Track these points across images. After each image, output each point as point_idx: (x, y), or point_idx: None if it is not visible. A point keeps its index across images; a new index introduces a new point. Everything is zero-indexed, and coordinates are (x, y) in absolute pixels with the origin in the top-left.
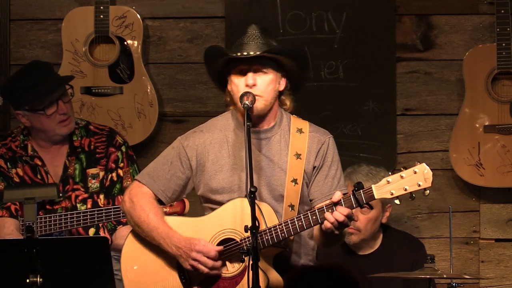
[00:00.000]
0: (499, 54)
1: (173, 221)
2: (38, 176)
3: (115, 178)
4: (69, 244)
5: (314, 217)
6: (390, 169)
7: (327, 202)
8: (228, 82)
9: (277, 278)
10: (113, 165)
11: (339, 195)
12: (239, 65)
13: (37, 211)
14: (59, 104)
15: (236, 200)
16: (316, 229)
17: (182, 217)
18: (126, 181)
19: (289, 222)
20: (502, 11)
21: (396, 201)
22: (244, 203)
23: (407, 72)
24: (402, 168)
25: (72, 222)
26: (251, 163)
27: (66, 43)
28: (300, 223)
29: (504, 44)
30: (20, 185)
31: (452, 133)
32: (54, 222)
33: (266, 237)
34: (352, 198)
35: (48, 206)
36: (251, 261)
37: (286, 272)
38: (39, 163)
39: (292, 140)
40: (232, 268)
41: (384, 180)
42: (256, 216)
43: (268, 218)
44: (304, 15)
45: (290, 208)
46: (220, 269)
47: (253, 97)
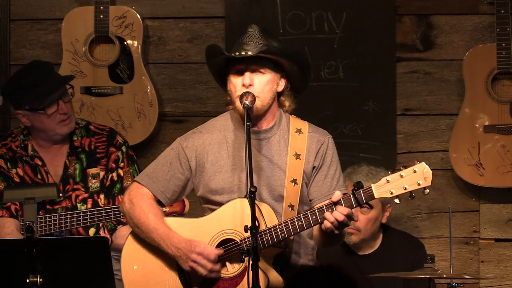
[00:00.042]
0: (499, 54)
1: (173, 222)
2: (38, 176)
3: (116, 178)
4: (69, 244)
5: (314, 217)
6: (390, 169)
7: (326, 202)
8: (227, 81)
9: (277, 278)
10: (114, 165)
11: (338, 195)
12: (237, 65)
13: (37, 211)
14: (59, 104)
15: (236, 201)
16: (315, 229)
17: (182, 218)
18: (126, 181)
19: (289, 222)
20: (502, 11)
21: (395, 200)
22: (244, 203)
23: (407, 72)
24: (402, 167)
25: (72, 222)
26: (251, 163)
27: (66, 43)
28: (300, 223)
29: (504, 44)
30: (20, 185)
31: (452, 133)
32: (54, 222)
33: (266, 237)
34: (352, 198)
35: (48, 206)
36: (251, 261)
37: (286, 272)
38: (39, 163)
39: (292, 140)
40: (232, 269)
41: (383, 180)
42: (256, 216)
43: (268, 218)
44: (304, 15)
45: (290, 208)
46: (219, 272)
47: (253, 97)
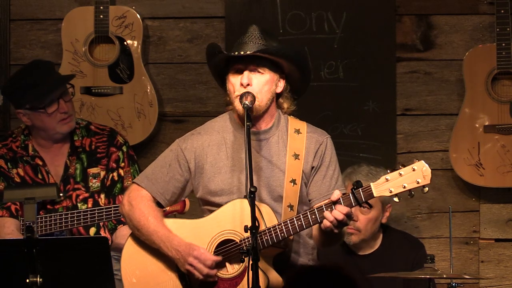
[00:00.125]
0: (499, 54)
1: (172, 223)
2: (39, 176)
3: (116, 178)
4: (69, 244)
5: (313, 217)
6: (390, 169)
7: (326, 201)
8: (227, 81)
9: (277, 279)
10: (114, 165)
11: (338, 194)
12: (236, 64)
13: (38, 211)
14: (60, 103)
15: (235, 201)
16: (315, 228)
17: (181, 219)
18: (127, 180)
19: (289, 222)
20: (502, 11)
21: (395, 199)
22: (244, 204)
23: (407, 72)
24: (401, 165)
25: (72, 221)
26: (251, 163)
27: (66, 43)
28: (299, 223)
29: (504, 44)
30: (20, 185)
31: (452, 133)
32: (55, 221)
33: (265, 237)
34: (351, 197)
35: (49, 205)
36: (251, 261)
37: (286, 272)
38: (40, 163)
39: (290, 140)
40: (231, 269)
41: (382, 178)
42: (256, 216)
43: (268, 219)
44: (304, 15)
45: (289, 209)
46: (216, 276)
47: (253, 97)
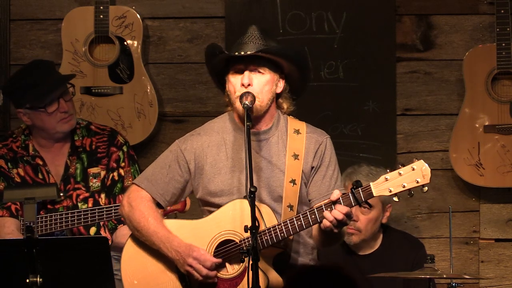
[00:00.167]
0: (499, 54)
1: (172, 224)
2: (39, 175)
3: (117, 178)
4: (69, 244)
5: (313, 216)
6: (390, 169)
7: (325, 201)
8: (226, 81)
9: (277, 279)
10: (115, 165)
11: (337, 194)
12: (236, 65)
13: (38, 211)
14: (60, 102)
15: (235, 202)
16: (315, 228)
17: (181, 220)
18: (127, 180)
19: (288, 222)
20: (502, 11)
21: (394, 199)
22: (244, 204)
23: (407, 72)
24: (400, 165)
25: (73, 221)
26: (251, 163)
27: (66, 43)
28: (299, 223)
29: (504, 44)
30: (20, 185)
31: (452, 133)
32: (55, 221)
33: (265, 237)
34: (351, 196)
35: (49, 205)
36: (251, 262)
37: (286, 272)
38: (40, 163)
39: (290, 141)
40: (231, 270)
41: (382, 178)
42: (256, 216)
43: (268, 219)
44: (304, 15)
45: (289, 209)
46: (215, 277)
47: (253, 97)
